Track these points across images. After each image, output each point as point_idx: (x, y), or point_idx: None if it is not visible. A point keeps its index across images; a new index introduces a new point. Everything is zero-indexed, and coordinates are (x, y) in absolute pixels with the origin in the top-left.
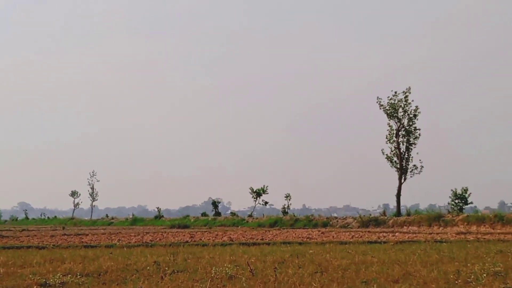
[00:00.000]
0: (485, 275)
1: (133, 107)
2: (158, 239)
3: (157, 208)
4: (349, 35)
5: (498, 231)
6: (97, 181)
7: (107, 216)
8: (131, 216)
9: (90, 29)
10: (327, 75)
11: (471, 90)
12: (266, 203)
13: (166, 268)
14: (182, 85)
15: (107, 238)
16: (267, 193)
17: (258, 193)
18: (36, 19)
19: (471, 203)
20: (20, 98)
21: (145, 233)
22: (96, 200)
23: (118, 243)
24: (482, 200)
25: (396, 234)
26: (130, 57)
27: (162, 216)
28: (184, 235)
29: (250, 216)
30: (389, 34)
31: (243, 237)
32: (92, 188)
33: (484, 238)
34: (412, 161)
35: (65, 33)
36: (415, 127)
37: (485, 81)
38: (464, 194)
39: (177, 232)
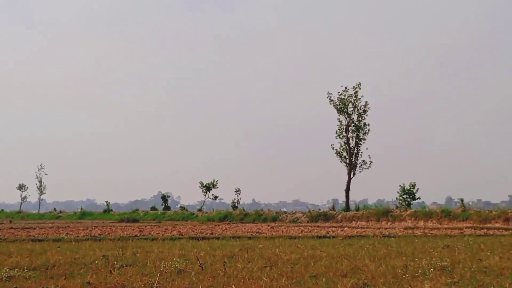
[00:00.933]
0: (432, 269)
1: (85, 106)
2: (106, 233)
3: (106, 202)
4: (296, 28)
5: (445, 226)
6: (45, 174)
7: (55, 209)
8: (79, 210)
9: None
10: (272, 70)
11: (420, 86)
12: (216, 197)
13: (115, 262)
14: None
15: (55, 232)
16: (217, 188)
17: (208, 188)
18: None
19: (419, 198)
20: None
21: (93, 227)
22: (44, 193)
23: (66, 237)
24: (430, 196)
25: (345, 229)
26: (81, 56)
27: (111, 210)
28: (133, 229)
29: (199, 210)
30: (339, 28)
31: (193, 231)
32: (40, 182)
33: (431, 233)
34: (361, 157)
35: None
36: (365, 123)
37: (433, 77)
38: (412, 189)
39: (126, 226)
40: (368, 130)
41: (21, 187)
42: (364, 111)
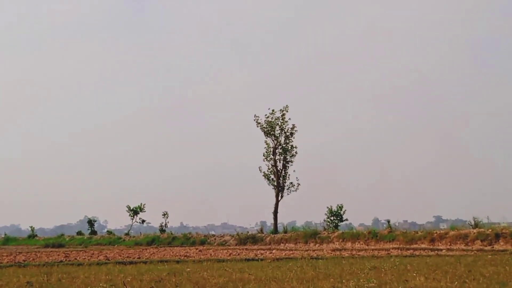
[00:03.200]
0: None
1: (8, 127)
2: (31, 259)
3: (31, 227)
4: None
5: (372, 247)
6: None
7: None
8: (3, 236)
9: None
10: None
11: (343, 108)
12: (143, 221)
13: None
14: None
15: None
16: (145, 211)
17: (135, 211)
18: None
19: (346, 220)
20: None
21: (17, 253)
22: None
23: None
24: (357, 217)
25: (273, 251)
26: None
27: (36, 235)
28: (58, 255)
29: (127, 234)
30: (261, 51)
31: (120, 255)
32: None
33: (359, 255)
34: (289, 179)
35: None
36: (292, 145)
37: (357, 100)
38: (339, 211)
39: (51, 251)
40: (296, 152)
41: None
42: (291, 134)
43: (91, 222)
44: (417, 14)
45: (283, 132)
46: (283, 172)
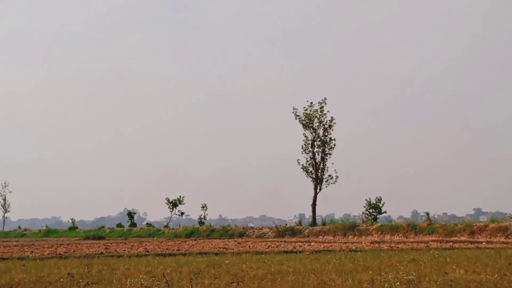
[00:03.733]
0: (398, 283)
1: (44, 113)
2: (72, 250)
3: (71, 219)
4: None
5: (411, 240)
6: (10, 192)
7: (19, 227)
8: (44, 228)
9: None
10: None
11: (385, 100)
12: (182, 213)
13: (80, 280)
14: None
15: (19, 250)
16: (184, 204)
17: (174, 204)
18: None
19: (385, 212)
20: None
21: (58, 245)
22: (9, 211)
23: (31, 255)
24: (396, 210)
25: (312, 243)
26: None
27: (77, 227)
28: (99, 247)
29: (166, 226)
30: (303, 44)
31: (159, 248)
32: (4, 199)
33: (398, 247)
34: (327, 171)
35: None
36: (330, 138)
37: (399, 90)
38: (378, 203)
39: (91, 243)
40: (334, 144)
41: None
42: (330, 126)
43: (131, 215)
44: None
45: (321, 125)
46: (322, 164)
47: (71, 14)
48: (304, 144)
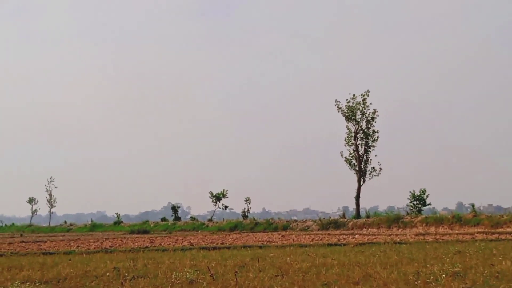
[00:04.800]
0: (444, 275)
1: (91, 113)
2: (117, 245)
3: (116, 213)
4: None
5: (456, 231)
6: (55, 187)
7: (65, 222)
8: (90, 222)
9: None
10: (280, 80)
11: (427, 92)
12: (226, 207)
13: (126, 274)
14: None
15: (66, 244)
16: (227, 197)
17: (218, 197)
18: None
19: (430, 204)
20: None
21: (104, 239)
22: (54, 206)
23: (77, 250)
24: (440, 201)
25: (356, 236)
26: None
27: (122, 221)
28: (144, 241)
29: (210, 220)
30: (348, 37)
31: (203, 241)
32: (50, 195)
33: (443, 239)
34: (370, 164)
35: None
36: (373, 130)
37: (441, 82)
38: (422, 195)
39: (136, 237)
40: (377, 137)
41: (31, 200)
42: (373, 118)
43: (175, 209)
44: None
45: (364, 117)
46: (365, 156)
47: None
48: (347, 137)
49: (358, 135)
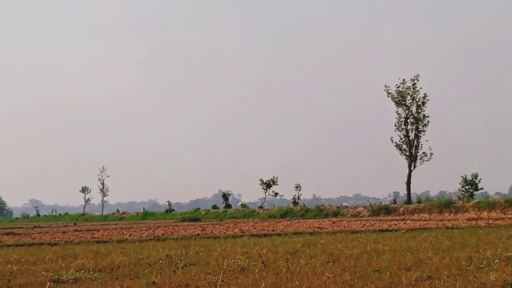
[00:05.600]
0: (497, 260)
1: (141, 103)
2: (169, 232)
3: (168, 202)
4: (352, 26)
5: (510, 216)
6: (107, 176)
7: (118, 211)
8: (142, 211)
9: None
10: (330, 65)
11: (481, 76)
12: (276, 194)
13: (178, 262)
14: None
15: (118, 233)
16: (277, 184)
17: (268, 185)
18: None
19: (482, 188)
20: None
21: (156, 227)
22: (107, 195)
23: (129, 238)
24: (493, 186)
25: (407, 221)
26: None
27: (173, 209)
28: (195, 228)
29: (260, 207)
30: (394, 21)
31: (254, 228)
32: (103, 184)
33: (496, 224)
34: (421, 149)
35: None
36: (424, 115)
37: (492, 66)
38: (474, 180)
39: (188, 225)
40: (428, 122)
41: (84, 189)
42: (423, 103)
43: (225, 196)
44: None
45: (414, 102)
46: (415, 142)
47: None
48: (397, 122)
49: (408, 120)
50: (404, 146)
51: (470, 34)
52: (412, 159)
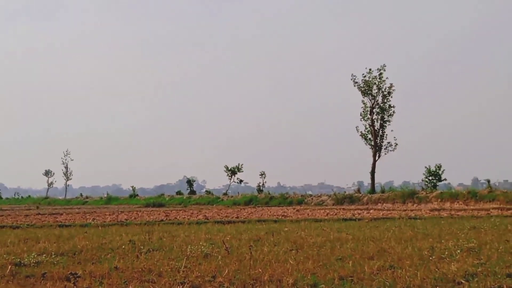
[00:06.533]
0: (459, 251)
1: (106, 88)
2: (133, 218)
3: (132, 187)
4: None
5: (472, 207)
6: (71, 160)
7: (81, 195)
8: (105, 195)
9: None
10: (297, 53)
11: (445, 68)
12: (241, 181)
13: (141, 247)
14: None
15: (81, 217)
16: (242, 171)
17: (233, 171)
18: None
19: (445, 179)
20: None
21: (120, 212)
22: (70, 179)
23: (93, 222)
24: (456, 177)
25: (371, 211)
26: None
27: (137, 195)
28: (159, 214)
29: (225, 194)
30: (363, 12)
31: (218, 215)
32: (66, 167)
33: (458, 215)
34: (386, 139)
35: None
36: (390, 105)
37: (458, 59)
38: (437, 171)
39: (152, 211)
40: (393, 112)
41: (47, 173)
42: (389, 93)
43: (190, 182)
44: None
45: (380, 92)
46: (381, 131)
47: None
48: (363, 111)
49: (374, 110)
50: (369, 136)
51: (439, 27)
52: (376, 149)
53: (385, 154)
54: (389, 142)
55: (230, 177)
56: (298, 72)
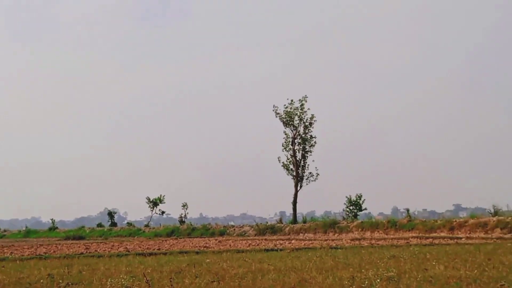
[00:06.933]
0: (379, 280)
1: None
2: (52, 251)
3: (51, 219)
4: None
5: (392, 236)
6: None
7: None
8: (24, 229)
9: None
10: (218, 84)
11: (364, 98)
12: (163, 212)
13: (60, 281)
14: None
15: None
16: (164, 203)
17: (155, 203)
18: None
19: (365, 209)
20: None
21: (39, 245)
22: None
23: (10, 256)
24: (376, 206)
25: (293, 241)
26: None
27: (57, 227)
28: (79, 247)
29: (147, 226)
30: (280, 41)
31: (140, 247)
32: None
33: (378, 244)
34: (308, 169)
35: None
36: (311, 135)
37: (377, 89)
38: (358, 200)
39: (72, 243)
40: (315, 142)
41: None
42: (310, 124)
43: (111, 214)
44: None
45: (302, 122)
46: (302, 162)
47: None
48: (285, 142)
49: (295, 141)
50: (291, 166)
51: (361, 56)
52: (298, 179)
53: (307, 184)
54: (310, 172)
55: (152, 209)
56: (221, 101)
